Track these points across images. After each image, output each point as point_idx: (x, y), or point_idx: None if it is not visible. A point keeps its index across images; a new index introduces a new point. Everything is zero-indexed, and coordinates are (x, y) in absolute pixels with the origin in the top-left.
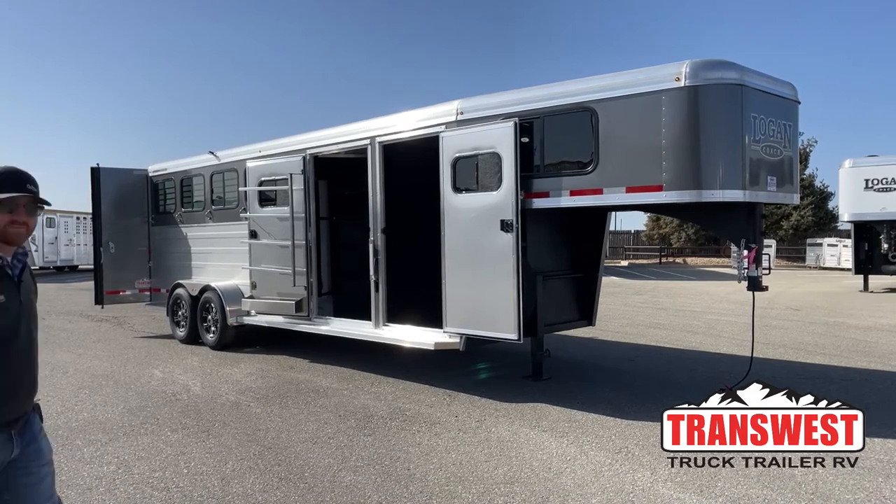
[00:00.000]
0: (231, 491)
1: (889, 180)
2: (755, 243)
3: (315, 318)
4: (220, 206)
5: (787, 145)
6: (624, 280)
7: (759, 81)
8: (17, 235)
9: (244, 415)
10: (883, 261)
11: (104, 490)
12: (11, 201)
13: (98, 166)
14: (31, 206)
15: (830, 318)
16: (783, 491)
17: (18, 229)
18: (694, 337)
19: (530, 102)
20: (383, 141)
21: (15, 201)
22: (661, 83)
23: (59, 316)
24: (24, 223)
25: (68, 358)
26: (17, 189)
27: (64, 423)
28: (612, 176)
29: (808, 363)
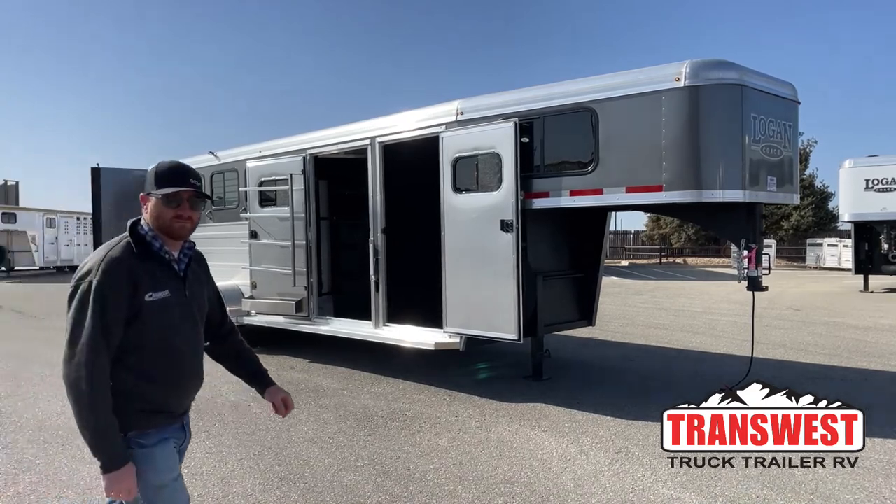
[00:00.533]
0: (231, 491)
1: (889, 180)
2: (755, 243)
3: (315, 319)
4: (220, 206)
5: (787, 145)
6: (624, 280)
7: (758, 82)
8: (182, 230)
9: (244, 415)
10: (883, 261)
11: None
12: (176, 196)
13: (98, 166)
14: (195, 201)
15: (830, 319)
16: (783, 491)
17: (183, 224)
18: (694, 337)
19: (530, 102)
20: (383, 141)
21: (179, 196)
22: (662, 83)
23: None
24: (188, 217)
25: None
26: (181, 183)
27: (64, 423)
28: (612, 176)
29: (808, 363)
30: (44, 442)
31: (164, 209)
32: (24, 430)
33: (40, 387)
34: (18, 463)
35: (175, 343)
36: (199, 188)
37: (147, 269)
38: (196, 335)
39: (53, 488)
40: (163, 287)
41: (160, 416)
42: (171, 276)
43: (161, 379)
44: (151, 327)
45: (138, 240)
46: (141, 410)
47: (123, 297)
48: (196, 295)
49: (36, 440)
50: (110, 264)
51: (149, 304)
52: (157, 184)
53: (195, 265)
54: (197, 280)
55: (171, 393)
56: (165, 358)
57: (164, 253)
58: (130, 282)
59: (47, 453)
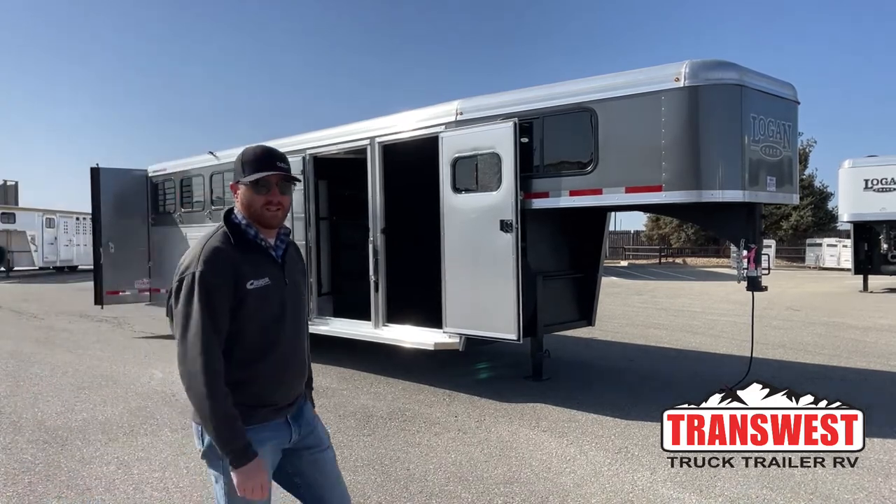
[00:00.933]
0: None
1: (888, 180)
2: (755, 243)
3: (315, 319)
4: (219, 206)
5: (787, 145)
6: (624, 280)
7: (758, 82)
8: (273, 218)
9: None
10: (882, 261)
11: (103, 490)
12: (264, 181)
13: (98, 166)
14: (284, 185)
15: (830, 319)
16: (783, 491)
17: (274, 212)
18: (694, 337)
19: (530, 102)
20: (383, 141)
21: (267, 181)
22: (661, 83)
23: (59, 316)
24: (278, 203)
25: (68, 358)
26: (268, 168)
27: (63, 424)
28: (611, 176)
29: (807, 363)
30: (43, 442)
31: (254, 196)
32: (23, 430)
33: (40, 387)
34: (18, 463)
35: (277, 331)
36: (288, 171)
37: (246, 257)
38: (298, 323)
39: (53, 489)
40: (262, 274)
41: (264, 411)
42: (269, 263)
43: (264, 370)
44: (254, 316)
45: (233, 229)
46: (243, 404)
47: (227, 286)
48: (296, 282)
49: (35, 440)
50: (210, 254)
51: (251, 292)
52: (244, 170)
53: (292, 251)
54: (295, 267)
55: (274, 384)
56: (268, 347)
57: (259, 240)
58: (232, 270)
59: (47, 454)
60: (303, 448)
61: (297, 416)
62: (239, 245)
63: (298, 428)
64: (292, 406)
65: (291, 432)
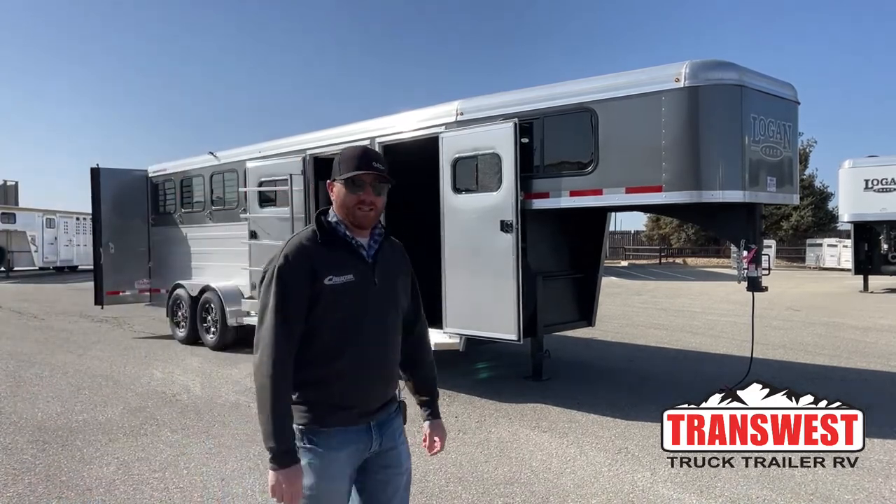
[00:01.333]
0: (231, 492)
1: (889, 181)
2: (755, 244)
3: None
4: (219, 206)
5: (787, 146)
6: (624, 280)
7: (758, 82)
8: (365, 218)
9: (244, 415)
10: (883, 261)
11: (104, 491)
12: (358, 180)
13: (98, 167)
14: (378, 186)
15: (830, 319)
16: (783, 491)
17: (366, 212)
18: (694, 337)
19: (530, 103)
20: (383, 141)
21: (361, 180)
22: (661, 84)
23: (59, 316)
24: (371, 203)
25: (68, 358)
26: (363, 167)
27: (64, 424)
28: (611, 176)
29: (807, 364)
30: (43, 443)
31: (348, 195)
32: (23, 430)
33: (40, 387)
34: (18, 463)
35: (359, 330)
36: (383, 172)
37: (331, 254)
38: (386, 324)
39: (53, 489)
40: (346, 271)
41: (341, 413)
42: (356, 260)
43: (340, 369)
44: (330, 313)
45: (322, 225)
46: (319, 403)
47: (303, 280)
48: (389, 283)
49: (36, 441)
50: (292, 248)
51: (329, 288)
52: (340, 169)
53: (389, 252)
54: (390, 267)
55: (352, 386)
56: (345, 346)
57: (349, 238)
58: (310, 265)
59: (47, 454)
60: (378, 464)
61: (383, 426)
62: (325, 242)
63: (381, 438)
64: (377, 413)
65: (373, 441)
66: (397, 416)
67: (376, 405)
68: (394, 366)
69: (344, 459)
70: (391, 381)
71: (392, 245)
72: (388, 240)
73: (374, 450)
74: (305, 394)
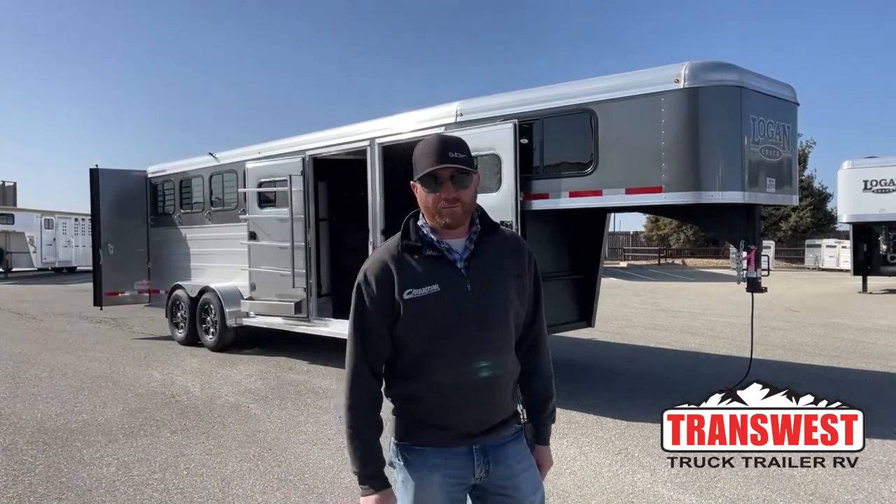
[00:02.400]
0: (231, 492)
1: (888, 181)
2: (754, 245)
3: (314, 320)
4: (219, 207)
5: (787, 147)
6: (623, 281)
7: (758, 83)
8: (452, 215)
9: (244, 416)
10: (881, 262)
11: (104, 492)
12: (433, 177)
13: (97, 168)
14: (460, 177)
15: (829, 320)
16: (782, 492)
17: (451, 209)
18: (693, 338)
19: (530, 104)
20: (383, 142)
21: (438, 176)
22: (661, 85)
23: (58, 317)
24: (454, 199)
25: (67, 360)
26: (439, 161)
27: (63, 425)
28: (611, 177)
29: (807, 364)
30: (43, 444)
31: (427, 195)
32: (23, 431)
33: (39, 388)
34: (18, 465)
35: (450, 344)
36: (462, 161)
37: (411, 264)
38: (482, 338)
39: (53, 490)
40: (430, 282)
41: (432, 432)
42: (444, 269)
43: (426, 387)
44: (416, 327)
45: (406, 233)
46: (412, 418)
47: (380, 296)
48: (491, 287)
49: (35, 441)
50: (372, 263)
51: (409, 302)
52: (416, 168)
53: (494, 251)
54: (493, 270)
55: (441, 405)
56: (437, 361)
57: (437, 244)
58: (388, 278)
59: (47, 455)
60: (495, 492)
61: (491, 452)
62: (409, 250)
63: (488, 466)
64: (482, 436)
65: (475, 467)
66: (515, 441)
67: (480, 428)
68: (503, 385)
69: (437, 482)
70: (500, 402)
71: (501, 242)
72: (495, 236)
73: (480, 476)
74: (400, 408)
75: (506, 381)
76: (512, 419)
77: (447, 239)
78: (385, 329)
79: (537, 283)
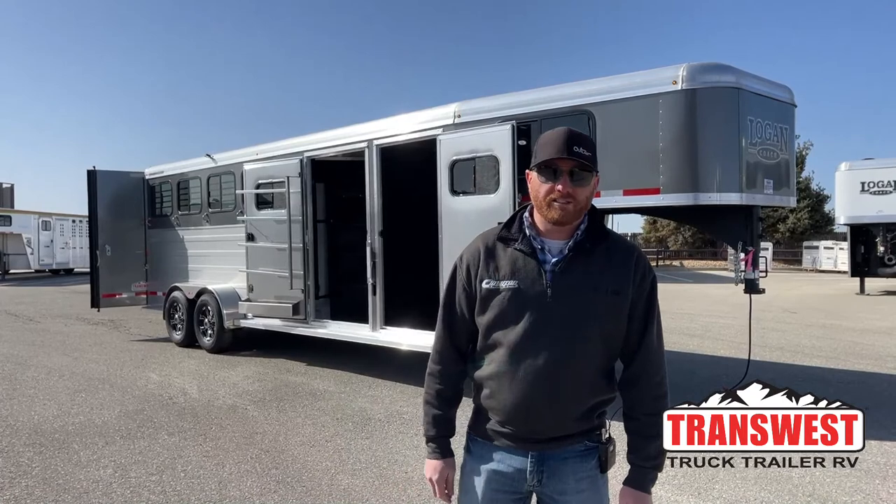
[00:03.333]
0: (228, 494)
1: (885, 183)
2: (752, 246)
3: (312, 321)
4: (216, 208)
5: (784, 148)
6: None
7: (755, 85)
8: (561, 212)
9: (241, 418)
10: (879, 263)
11: (101, 494)
12: (553, 166)
13: (95, 169)
14: (580, 174)
15: (827, 321)
16: (780, 493)
17: (563, 203)
18: (691, 340)
19: (528, 105)
20: (381, 144)
21: (556, 166)
22: (659, 86)
23: (55, 319)
24: (567, 195)
25: (64, 361)
26: (561, 152)
27: (60, 427)
28: (609, 179)
29: (804, 366)
30: (40, 446)
31: (540, 185)
32: (20, 433)
33: (36, 390)
34: (15, 467)
35: (519, 344)
36: (588, 157)
37: (499, 255)
38: (559, 345)
39: (50, 492)
40: (509, 276)
41: (492, 429)
42: (529, 267)
43: (494, 380)
44: (487, 319)
45: (509, 223)
46: (479, 408)
47: (465, 279)
48: (567, 299)
49: (32, 444)
50: (469, 246)
51: (485, 291)
52: (536, 155)
53: (598, 261)
54: (578, 282)
55: (504, 403)
56: (501, 358)
57: (533, 239)
58: (476, 263)
59: (43, 457)
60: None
61: (549, 462)
62: (503, 239)
63: (541, 475)
64: (542, 444)
65: (528, 474)
66: (581, 459)
67: (542, 436)
68: (569, 401)
69: (484, 478)
70: (565, 412)
71: (608, 252)
72: (603, 244)
73: (532, 485)
74: (474, 395)
75: (571, 397)
76: (581, 436)
77: (547, 238)
78: (467, 310)
79: (648, 306)
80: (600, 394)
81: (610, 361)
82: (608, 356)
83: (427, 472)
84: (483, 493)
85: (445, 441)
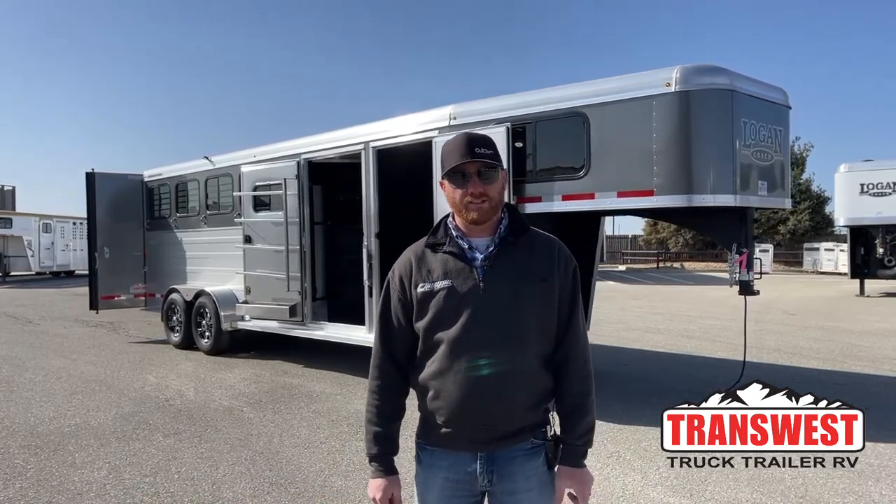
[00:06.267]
0: (222, 496)
1: (884, 185)
2: (747, 248)
3: (309, 323)
4: (214, 210)
5: (779, 150)
6: (621, 285)
7: (749, 87)
8: (478, 210)
9: (237, 420)
10: (878, 265)
11: (94, 495)
12: (458, 172)
13: (93, 171)
14: (486, 172)
15: (826, 323)
16: (773, 494)
17: (478, 205)
18: (690, 341)
19: (523, 108)
20: (377, 146)
21: (464, 170)
22: (652, 88)
23: (54, 321)
24: (481, 195)
25: (62, 363)
26: (464, 156)
27: (56, 429)
28: (603, 181)
29: (803, 367)
30: (35, 447)
31: (454, 191)
32: (16, 435)
33: (33, 392)
34: (10, 468)
35: (457, 342)
36: (488, 156)
37: (430, 259)
38: (490, 338)
39: (44, 493)
40: (444, 277)
41: (439, 434)
42: (459, 267)
43: (436, 382)
44: (423, 321)
45: (434, 230)
46: (425, 416)
47: (399, 288)
48: (512, 289)
49: (28, 445)
50: (400, 258)
51: (420, 295)
52: (443, 165)
53: (522, 252)
54: (509, 273)
55: (449, 404)
56: (441, 358)
57: (459, 240)
58: (408, 271)
59: (38, 459)
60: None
61: (497, 462)
62: (430, 245)
63: (491, 475)
64: (490, 444)
65: (478, 475)
66: (529, 457)
67: (487, 435)
68: (511, 389)
69: (439, 486)
70: (508, 409)
71: (531, 244)
72: (525, 237)
73: (483, 486)
74: (419, 403)
75: (516, 387)
76: (527, 432)
77: (472, 237)
78: (404, 319)
79: (573, 292)
80: (542, 383)
81: (547, 350)
82: (545, 344)
83: (370, 492)
84: (443, 499)
85: (388, 459)
